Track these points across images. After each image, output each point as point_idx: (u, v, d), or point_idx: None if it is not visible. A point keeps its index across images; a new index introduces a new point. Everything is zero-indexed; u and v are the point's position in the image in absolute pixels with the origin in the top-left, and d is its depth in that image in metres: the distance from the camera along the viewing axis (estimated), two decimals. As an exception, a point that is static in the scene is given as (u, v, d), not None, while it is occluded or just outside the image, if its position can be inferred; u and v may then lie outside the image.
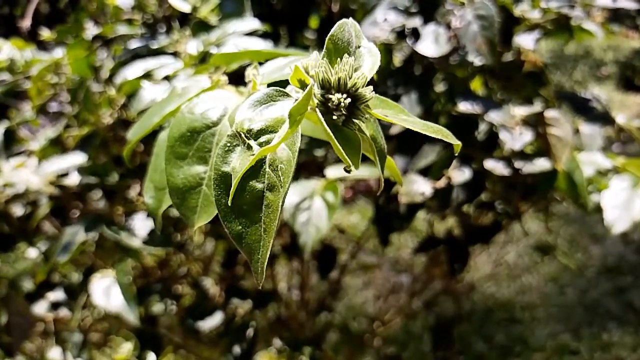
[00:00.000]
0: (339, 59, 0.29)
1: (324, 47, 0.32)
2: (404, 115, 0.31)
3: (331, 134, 0.26)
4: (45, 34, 1.43)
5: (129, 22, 1.20)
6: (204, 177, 0.36)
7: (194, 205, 0.36)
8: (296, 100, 0.29)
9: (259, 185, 0.30)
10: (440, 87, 1.08)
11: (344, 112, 0.29)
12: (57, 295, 1.25)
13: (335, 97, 0.28)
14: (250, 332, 1.01)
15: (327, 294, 1.75)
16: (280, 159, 0.30)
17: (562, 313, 2.54)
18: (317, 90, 0.29)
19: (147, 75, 0.75)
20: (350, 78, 0.29)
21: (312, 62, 0.30)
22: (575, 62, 5.23)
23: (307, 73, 0.30)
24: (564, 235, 2.95)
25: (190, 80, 0.48)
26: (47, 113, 1.34)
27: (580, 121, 1.17)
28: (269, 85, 0.41)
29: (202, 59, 0.74)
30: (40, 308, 1.25)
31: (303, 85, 0.30)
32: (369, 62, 0.31)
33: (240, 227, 0.30)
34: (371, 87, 0.29)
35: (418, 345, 2.35)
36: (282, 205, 0.29)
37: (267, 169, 0.30)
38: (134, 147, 0.45)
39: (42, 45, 1.44)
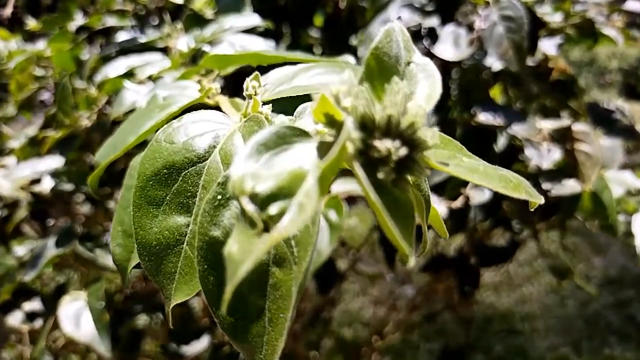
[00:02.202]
0: (385, 84, 0.20)
1: (364, 66, 0.22)
2: (464, 157, 0.22)
3: (379, 202, 0.17)
4: (32, 23, 1.35)
5: (121, 13, 1.11)
6: (186, 231, 0.27)
7: (171, 271, 0.26)
8: (320, 141, 0.20)
9: (263, 257, 0.21)
10: (455, 93, 0.99)
11: (394, 166, 0.19)
12: (34, 305, 1.17)
13: (384, 145, 0.18)
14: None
15: (324, 303, 1.67)
16: (293, 221, 0.21)
17: (563, 325, 2.48)
18: (354, 133, 0.19)
19: (131, 74, 0.66)
20: (404, 115, 0.19)
21: (345, 86, 0.20)
22: (579, 68, 5.16)
23: (338, 103, 0.20)
24: (566, 245, 2.88)
25: (175, 88, 0.38)
26: (35, 107, 1.26)
27: (600, 133, 1.09)
28: (273, 103, 0.32)
29: (194, 58, 0.65)
30: (15, 319, 1.16)
31: (332, 122, 0.21)
32: (425, 87, 0.22)
33: (233, 319, 0.21)
34: (435, 129, 0.19)
35: (415, 354, 2.28)
36: (299, 290, 0.20)
37: (275, 234, 0.21)
38: (102, 172, 0.35)
39: (38, 36, 1.35)
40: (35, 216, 1.21)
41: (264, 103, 0.31)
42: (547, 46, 1.05)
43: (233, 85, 0.45)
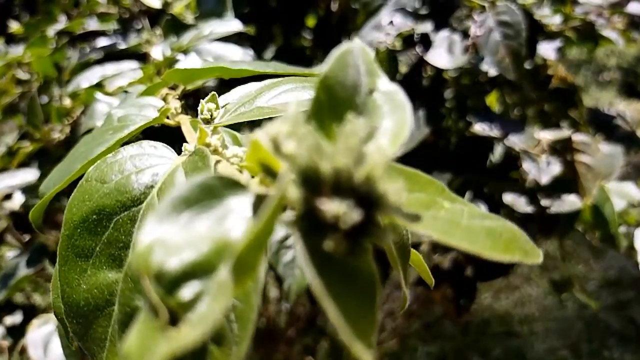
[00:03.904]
0: (338, 123, 0.16)
1: (312, 100, 0.18)
2: (446, 201, 0.18)
3: (320, 282, 0.13)
4: (14, 26, 1.32)
5: (104, 16, 1.07)
6: (117, 290, 0.22)
7: (101, 337, 0.22)
8: (257, 195, 0.16)
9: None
10: (451, 100, 0.95)
11: (348, 232, 0.14)
12: (16, 319, 1.13)
13: (332, 207, 0.14)
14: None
15: (319, 309, 1.63)
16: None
17: (562, 327, 2.45)
18: (293, 190, 0.15)
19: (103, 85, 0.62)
20: (359, 164, 0.14)
21: (288, 125, 0.15)
22: (577, 67, 5.13)
23: (278, 150, 0.15)
24: (565, 246, 2.85)
25: (133, 106, 0.34)
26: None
27: (600, 139, 1.05)
28: (238, 126, 0.28)
29: (171, 66, 0.61)
30: (-5, 334, 1.12)
31: (271, 173, 0.17)
32: (391, 122, 0.18)
33: None
34: (401, 183, 0.14)
35: (413, 357, 2.25)
36: None
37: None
38: (45, 206, 0.31)
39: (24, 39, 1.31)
40: (19, 226, 1.18)
41: (217, 127, 0.27)
42: (546, 50, 1.02)
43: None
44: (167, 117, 0.34)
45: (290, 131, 0.15)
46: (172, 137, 0.32)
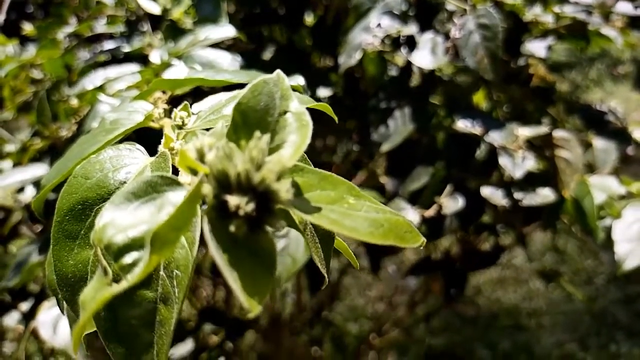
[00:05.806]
0: (248, 138, 0.21)
1: (231, 120, 0.23)
2: (352, 198, 0.23)
3: (219, 256, 0.18)
4: (27, 28, 1.37)
5: (111, 18, 1.13)
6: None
7: None
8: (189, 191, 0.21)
9: (150, 295, 0.22)
10: (439, 98, 0.99)
11: (249, 219, 0.20)
12: (30, 304, 1.19)
13: (233, 200, 0.19)
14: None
15: (325, 298, 1.67)
16: (177, 261, 0.22)
17: (569, 321, 2.46)
18: (206, 188, 0.20)
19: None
20: (258, 170, 0.20)
21: (211, 139, 0.21)
22: (591, 60, 5.08)
23: (202, 159, 0.21)
24: (573, 240, 2.85)
25: (124, 111, 0.40)
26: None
27: (592, 135, 1.08)
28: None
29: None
30: (11, 319, 1.18)
31: (195, 174, 0.22)
32: (295, 138, 0.23)
33: (124, 350, 0.22)
34: (288, 182, 0.20)
35: (419, 349, 2.28)
36: (175, 324, 0.22)
37: (162, 273, 0.22)
38: (45, 197, 0.36)
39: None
40: (32, 218, 1.24)
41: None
42: (537, 48, 1.05)
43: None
44: (153, 121, 0.39)
45: (212, 143, 0.20)
46: (158, 137, 0.37)
